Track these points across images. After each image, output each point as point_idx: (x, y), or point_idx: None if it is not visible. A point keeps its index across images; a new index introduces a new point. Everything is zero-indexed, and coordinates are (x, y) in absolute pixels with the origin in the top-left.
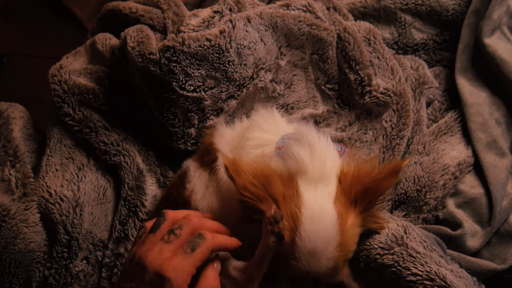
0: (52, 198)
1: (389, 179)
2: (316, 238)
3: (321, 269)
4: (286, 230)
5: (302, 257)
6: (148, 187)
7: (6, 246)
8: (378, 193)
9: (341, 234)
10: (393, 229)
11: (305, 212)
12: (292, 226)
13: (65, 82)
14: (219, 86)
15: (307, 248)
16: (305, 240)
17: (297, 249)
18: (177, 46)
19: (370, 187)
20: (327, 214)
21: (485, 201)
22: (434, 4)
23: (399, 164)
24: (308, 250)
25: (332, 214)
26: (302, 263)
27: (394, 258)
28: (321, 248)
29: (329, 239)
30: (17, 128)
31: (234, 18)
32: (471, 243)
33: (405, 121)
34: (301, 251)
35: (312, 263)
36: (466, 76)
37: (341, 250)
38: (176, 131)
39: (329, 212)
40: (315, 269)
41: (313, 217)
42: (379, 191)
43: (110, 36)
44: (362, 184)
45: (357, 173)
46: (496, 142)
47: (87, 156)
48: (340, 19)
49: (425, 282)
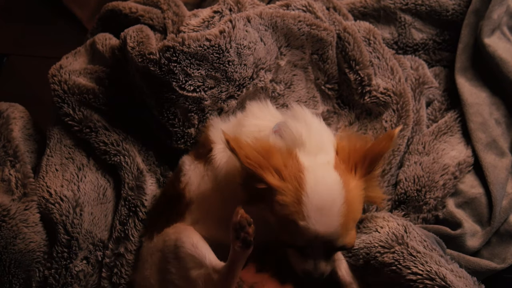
0: (52, 198)
1: (384, 144)
2: (322, 193)
3: (331, 226)
4: (291, 192)
5: (311, 214)
6: (148, 187)
7: (6, 246)
8: (375, 157)
9: (346, 191)
10: (393, 228)
11: (307, 174)
12: (297, 187)
13: (65, 82)
14: (219, 86)
15: (314, 204)
16: (312, 196)
17: (304, 207)
18: (177, 46)
19: (367, 153)
20: (330, 174)
21: (485, 201)
22: (434, 4)
23: (392, 132)
24: (316, 206)
25: (335, 175)
26: (312, 221)
27: (394, 257)
28: (329, 203)
29: (335, 194)
30: (17, 128)
31: (234, 18)
32: (471, 242)
33: (405, 121)
34: (309, 207)
35: (322, 220)
36: (466, 76)
37: (348, 206)
38: (176, 131)
39: (331, 173)
40: (325, 227)
41: (316, 176)
42: (376, 156)
43: (110, 36)
44: (359, 152)
45: (353, 144)
46: (496, 142)
47: (87, 156)
48: (340, 19)
49: (425, 281)
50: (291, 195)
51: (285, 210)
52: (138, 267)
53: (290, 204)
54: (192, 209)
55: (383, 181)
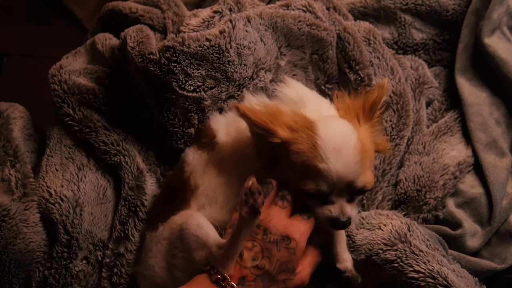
0: (52, 198)
1: (378, 92)
2: (336, 134)
3: (350, 164)
4: (305, 139)
5: (329, 155)
6: (148, 187)
7: (6, 246)
8: (373, 104)
9: (357, 131)
10: (396, 226)
11: (318, 123)
12: (309, 134)
13: (65, 82)
14: (219, 86)
15: (330, 145)
16: (326, 138)
17: (321, 149)
18: (177, 46)
19: (365, 103)
20: (339, 121)
21: (485, 201)
22: (434, 4)
23: (382, 82)
24: (332, 147)
25: (343, 121)
26: (331, 161)
27: (397, 254)
28: (344, 142)
29: (348, 134)
30: (17, 128)
31: (234, 18)
32: (471, 242)
33: (405, 121)
34: (326, 149)
35: (340, 159)
36: (466, 76)
37: (362, 145)
38: (176, 131)
39: (340, 120)
40: (345, 166)
41: (327, 123)
42: (374, 103)
43: (110, 36)
44: (358, 103)
45: (349, 100)
46: (496, 142)
47: (87, 156)
48: (340, 19)
49: (428, 280)
50: (305, 142)
51: (302, 157)
52: (141, 259)
53: (307, 150)
54: (197, 194)
55: (383, 181)
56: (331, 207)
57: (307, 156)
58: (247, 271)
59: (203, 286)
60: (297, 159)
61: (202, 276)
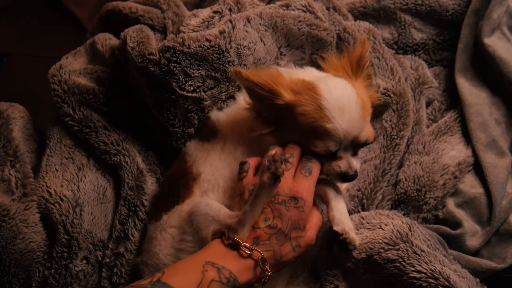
0: (52, 198)
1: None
2: (337, 94)
3: (354, 121)
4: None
5: (335, 114)
6: (148, 187)
7: (6, 246)
8: (360, 60)
9: (355, 88)
10: (398, 225)
11: (318, 82)
12: (313, 95)
13: (65, 82)
14: (219, 87)
15: (334, 105)
16: (330, 98)
17: (327, 110)
18: (177, 47)
19: (351, 60)
20: (336, 79)
21: (485, 200)
22: (434, 4)
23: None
24: (336, 106)
25: (340, 79)
26: (337, 121)
27: (399, 254)
28: (346, 100)
29: (348, 92)
30: (17, 128)
31: (234, 18)
32: (471, 242)
33: (405, 121)
34: (331, 109)
35: (345, 117)
36: (466, 76)
37: (361, 100)
38: (176, 131)
39: (336, 79)
40: (350, 123)
41: (327, 82)
42: (360, 58)
43: (110, 36)
44: (345, 61)
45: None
46: (496, 142)
47: (87, 156)
48: (340, 19)
49: (429, 280)
50: (310, 104)
51: (309, 119)
52: (144, 249)
53: (312, 111)
54: (199, 181)
55: (383, 180)
56: (340, 163)
57: (313, 117)
58: (260, 231)
59: (217, 250)
60: (303, 120)
61: (215, 241)
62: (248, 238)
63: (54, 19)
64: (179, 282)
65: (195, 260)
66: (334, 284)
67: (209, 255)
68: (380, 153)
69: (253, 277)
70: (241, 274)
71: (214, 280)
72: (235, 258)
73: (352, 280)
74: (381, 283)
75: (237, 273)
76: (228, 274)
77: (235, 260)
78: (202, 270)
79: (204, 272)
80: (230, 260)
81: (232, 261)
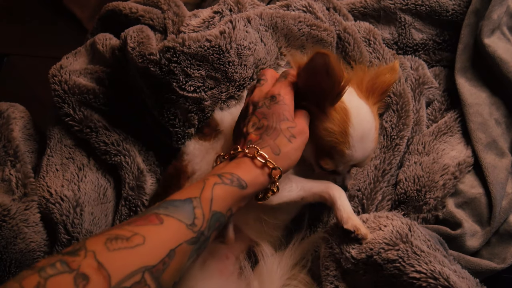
0: (52, 198)
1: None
2: (363, 124)
3: (367, 152)
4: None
5: (356, 144)
6: (148, 187)
7: (6, 246)
8: (386, 88)
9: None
10: (397, 226)
11: (350, 105)
12: (344, 118)
13: (65, 82)
14: (219, 87)
15: (359, 134)
16: (357, 127)
17: (351, 138)
18: (177, 47)
19: (376, 83)
20: (363, 104)
21: (485, 201)
22: (434, 4)
23: (394, 64)
24: (359, 136)
25: (366, 105)
26: (355, 149)
27: (399, 254)
28: (367, 132)
29: (371, 124)
30: (17, 128)
31: (234, 18)
32: (471, 242)
33: (405, 121)
34: (355, 137)
35: (362, 148)
36: (466, 76)
37: (376, 132)
38: (176, 131)
39: (363, 103)
40: (363, 153)
41: (358, 109)
42: (387, 86)
43: (110, 36)
44: (369, 82)
45: (360, 76)
46: (496, 142)
47: (87, 156)
48: (340, 19)
49: (429, 280)
50: (338, 125)
51: (331, 138)
52: None
53: (338, 133)
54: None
55: (383, 181)
56: (337, 178)
57: (337, 139)
58: (251, 135)
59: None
60: (325, 136)
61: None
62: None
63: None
64: (183, 195)
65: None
66: (334, 285)
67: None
68: (380, 153)
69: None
70: (246, 174)
71: (217, 183)
72: (235, 163)
73: (352, 281)
74: (381, 283)
75: (241, 174)
76: (230, 176)
77: (236, 165)
78: (203, 180)
79: (205, 181)
80: (231, 166)
81: (233, 166)
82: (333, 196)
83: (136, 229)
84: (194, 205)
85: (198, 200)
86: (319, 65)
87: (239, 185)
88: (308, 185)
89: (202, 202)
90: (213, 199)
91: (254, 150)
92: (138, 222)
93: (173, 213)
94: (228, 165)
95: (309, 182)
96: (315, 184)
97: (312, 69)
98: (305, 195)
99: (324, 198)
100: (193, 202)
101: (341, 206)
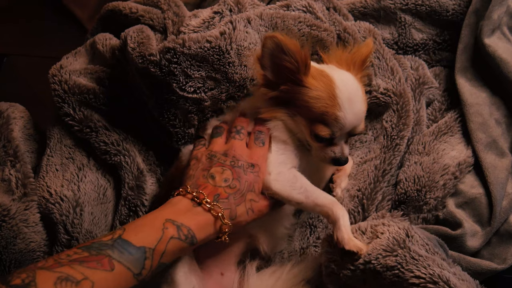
0: (52, 198)
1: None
2: (349, 85)
3: (358, 113)
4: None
5: (346, 104)
6: (148, 187)
7: (6, 246)
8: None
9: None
10: (394, 232)
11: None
12: (328, 83)
13: (65, 82)
14: (219, 87)
15: (346, 95)
16: (343, 89)
17: (339, 99)
18: (177, 48)
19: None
20: (345, 72)
21: (485, 201)
22: (434, 4)
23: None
24: (347, 97)
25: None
26: (346, 110)
27: (397, 260)
28: (354, 93)
29: (356, 85)
30: (17, 128)
31: (234, 19)
32: (471, 243)
33: (405, 121)
34: (343, 98)
35: (352, 109)
36: (466, 76)
37: (364, 95)
38: (176, 131)
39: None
40: (355, 114)
41: (340, 73)
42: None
43: (110, 36)
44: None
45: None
46: (496, 142)
47: (87, 156)
48: (340, 19)
49: (429, 285)
50: (325, 91)
51: (321, 104)
52: None
53: (326, 98)
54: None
55: (383, 181)
56: (334, 149)
57: (326, 103)
58: (221, 189)
59: (178, 207)
60: (315, 104)
61: (176, 198)
62: (209, 194)
63: (54, 19)
64: (139, 240)
65: (156, 216)
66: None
67: (170, 212)
68: (381, 153)
69: (212, 233)
70: (200, 231)
71: (173, 238)
72: (195, 214)
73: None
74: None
75: (195, 230)
76: (187, 232)
77: (195, 216)
78: (162, 227)
79: (164, 230)
80: (190, 217)
81: (192, 218)
82: (336, 214)
83: (87, 273)
84: (146, 256)
85: (151, 252)
86: (272, 48)
87: (191, 242)
88: (313, 192)
89: (154, 255)
90: (165, 253)
91: (219, 210)
92: (91, 264)
93: (125, 261)
94: (188, 214)
95: (315, 190)
96: (320, 194)
97: (269, 55)
98: (305, 202)
99: (326, 213)
100: (146, 253)
101: (343, 226)
